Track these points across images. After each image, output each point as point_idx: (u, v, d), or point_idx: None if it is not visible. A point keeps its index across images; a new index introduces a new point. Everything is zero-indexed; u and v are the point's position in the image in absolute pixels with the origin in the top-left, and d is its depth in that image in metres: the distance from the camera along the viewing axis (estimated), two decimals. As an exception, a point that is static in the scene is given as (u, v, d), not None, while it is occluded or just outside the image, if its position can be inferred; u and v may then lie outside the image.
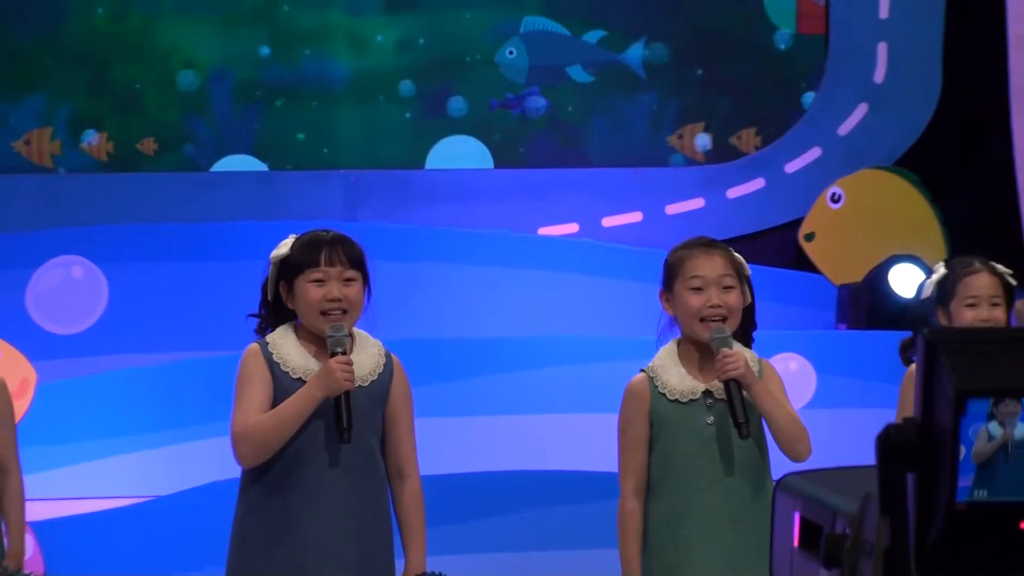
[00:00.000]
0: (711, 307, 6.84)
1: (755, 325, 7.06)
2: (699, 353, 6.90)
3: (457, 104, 11.72)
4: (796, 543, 4.43)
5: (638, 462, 6.92)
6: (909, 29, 11.79)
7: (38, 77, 11.53)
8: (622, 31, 11.81)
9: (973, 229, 11.05)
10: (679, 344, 6.96)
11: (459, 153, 11.72)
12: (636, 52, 11.79)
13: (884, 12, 11.81)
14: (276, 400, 6.76)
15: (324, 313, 6.70)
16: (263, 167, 11.56)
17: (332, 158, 11.66)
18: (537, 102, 11.73)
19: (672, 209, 11.63)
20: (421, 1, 11.75)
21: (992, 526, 3.87)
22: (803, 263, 10.94)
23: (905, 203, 10.88)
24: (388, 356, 6.89)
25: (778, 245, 11.25)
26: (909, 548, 3.90)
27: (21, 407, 9.48)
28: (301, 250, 6.79)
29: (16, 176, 11.44)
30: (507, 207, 11.43)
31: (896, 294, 10.53)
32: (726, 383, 6.78)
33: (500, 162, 11.68)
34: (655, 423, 6.91)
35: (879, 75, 11.81)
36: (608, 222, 11.15)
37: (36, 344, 9.93)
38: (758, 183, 11.69)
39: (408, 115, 11.66)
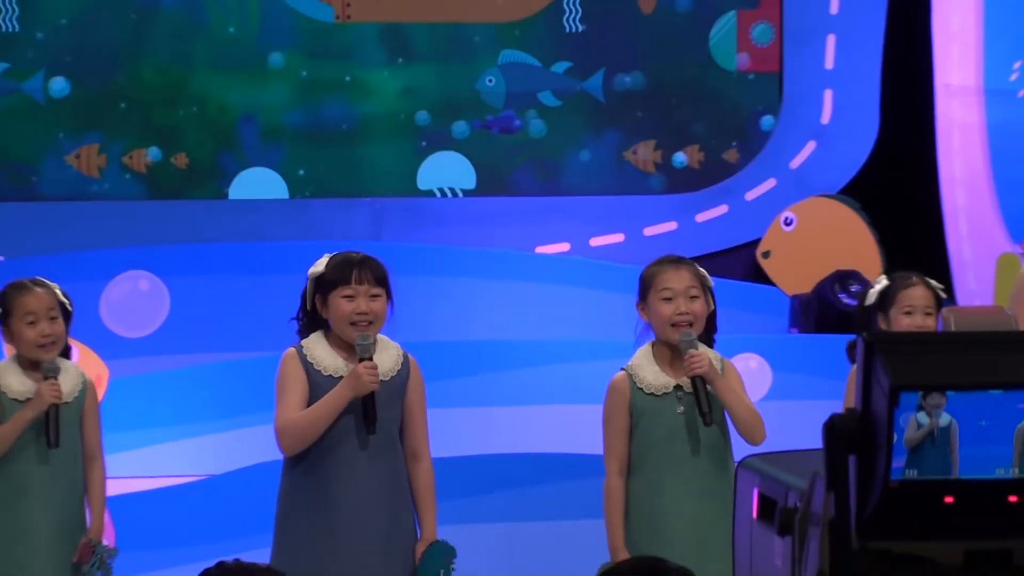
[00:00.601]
0: (680, 314, 7.00)
1: (716, 329, 7.16)
2: (670, 353, 7.06)
3: (459, 128, 11.71)
4: (755, 515, 4.49)
5: (620, 446, 7.06)
6: (851, 77, 11.78)
7: (95, 119, 11.46)
8: (585, 63, 11.75)
9: (905, 248, 11.03)
10: (653, 346, 7.11)
11: (446, 167, 11.69)
12: (596, 81, 11.74)
13: (830, 63, 11.80)
14: (312, 393, 6.88)
15: (353, 324, 6.80)
16: (284, 189, 11.48)
17: (352, 186, 11.65)
18: (513, 123, 11.69)
19: (649, 231, 11.59)
20: (418, 55, 11.64)
21: (921, 500, 3.92)
22: (761, 277, 10.95)
23: (848, 226, 10.88)
24: (406, 356, 7.00)
25: (739, 262, 11.24)
26: (851, 519, 3.95)
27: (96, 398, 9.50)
28: (334, 269, 6.88)
29: (92, 203, 11.38)
30: (508, 230, 11.39)
31: (840, 302, 10.52)
32: (693, 379, 6.95)
33: (481, 175, 11.64)
34: (634, 413, 7.05)
35: (825, 117, 11.81)
36: (595, 242, 11.15)
37: (108, 345, 9.90)
38: (722, 209, 11.69)
39: (411, 145, 11.59)
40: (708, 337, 7.09)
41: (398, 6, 11.66)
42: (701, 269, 7.16)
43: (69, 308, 7.25)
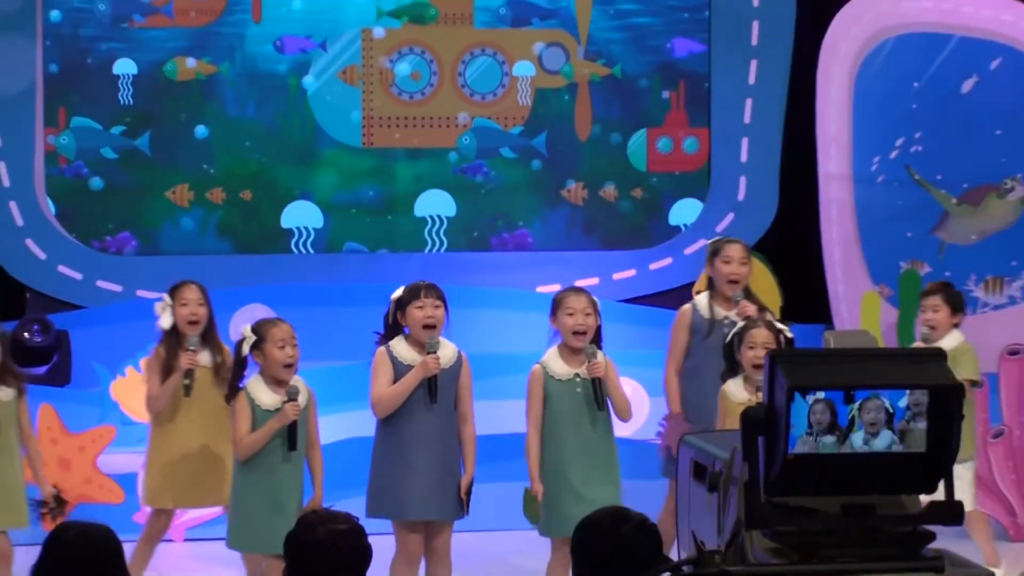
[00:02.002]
0: (578, 326, 7.36)
1: (602, 337, 7.49)
2: (571, 352, 7.39)
3: (444, 173, 11.70)
4: (691, 476, 4.47)
5: (538, 415, 7.40)
6: (759, 167, 11.77)
7: (185, 172, 11.40)
8: (533, 126, 11.70)
9: (797, 289, 11.04)
10: (559, 347, 7.44)
11: (435, 200, 11.68)
12: (541, 139, 11.69)
13: (744, 158, 11.81)
14: (395, 377, 7.23)
15: (424, 327, 7.22)
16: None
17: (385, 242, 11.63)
18: (482, 169, 11.65)
19: (617, 276, 11.59)
20: (424, 153, 11.66)
21: (811, 468, 3.92)
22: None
23: (757, 274, 10.83)
24: (459, 353, 7.40)
25: (680, 298, 11.09)
26: (760, 481, 3.95)
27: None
28: (410, 291, 7.31)
29: (219, 256, 11.37)
30: (518, 274, 11.40)
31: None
32: (592, 380, 7.31)
33: (460, 205, 11.64)
34: (547, 394, 7.40)
35: (741, 195, 11.80)
36: (578, 283, 11.03)
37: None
38: (668, 260, 11.67)
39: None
40: (597, 340, 7.42)
41: (405, 136, 11.65)
42: (594, 296, 7.55)
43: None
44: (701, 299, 8.04)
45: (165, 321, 7.83)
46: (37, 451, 7.53)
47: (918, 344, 8.42)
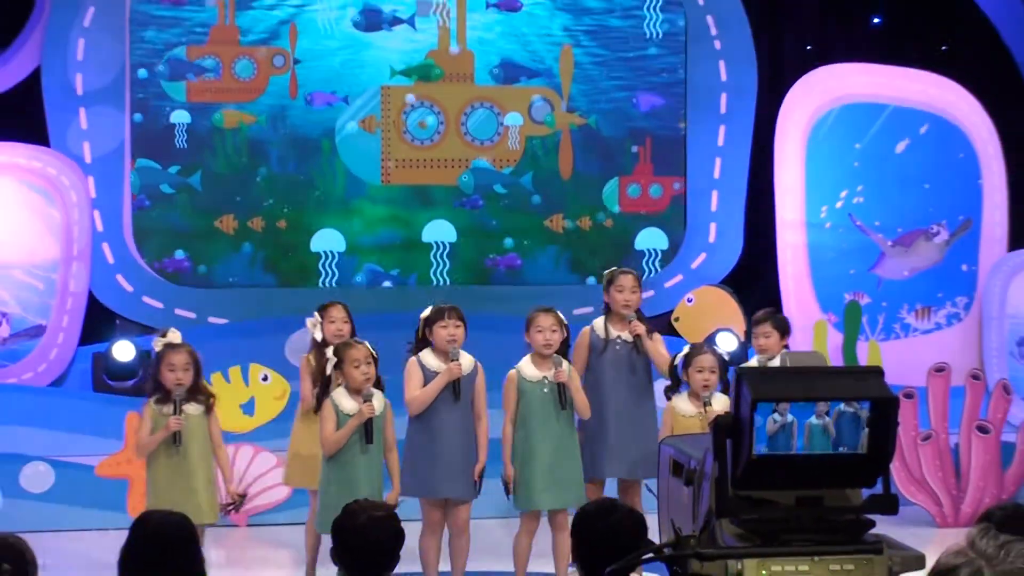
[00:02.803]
0: (547, 340, 7.39)
1: (568, 348, 7.49)
2: (541, 360, 7.40)
3: (446, 207, 11.67)
4: (670, 473, 4.45)
5: (512, 411, 7.41)
6: (726, 215, 11.76)
7: (233, 206, 11.40)
8: (521, 168, 11.67)
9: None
10: (532, 356, 7.46)
11: (438, 228, 11.65)
12: (527, 178, 11.67)
13: (714, 206, 11.81)
14: (425, 381, 7.29)
15: (448, 341, 7.31)
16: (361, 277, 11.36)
17: (398, 264, 11.62)
18: (478, 203, 11.62)
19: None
20: (432, 199, 11.62)
21: (770, 466, 3.90)
22: (674, 332, 10.89)
23: (725, 303, 10.85)
24: (476, 363, 7.43)
25: (661, 323, 11.15)
26: (728, 477, 3.93)
27: (279, 406, 9.33)
28: (435, 312, 7.40)
29: (273, 288, 11.36)
30: (521, 304, 11.36)
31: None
32: (557, 383, 7.35)
33: (460, 233, 11.57)
34: (520, 393, 7.43)
35: (711, 238, 11.80)
36: (576, 312, 11.05)
37: (290, 373, 9.81)
38: (651, 292, 11.64)
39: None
40: (564, 352, 7.46)
41: (420, 174, 11.65)
42: (561, 315, 7.56)
43: (375, 355, 7.22)
44: (598, 322, 7.94)
45: (316, 334, 7.81)
46: (225, 458, 7.28)
47: (752, 363, 8.27)
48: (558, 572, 7.43)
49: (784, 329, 8.21)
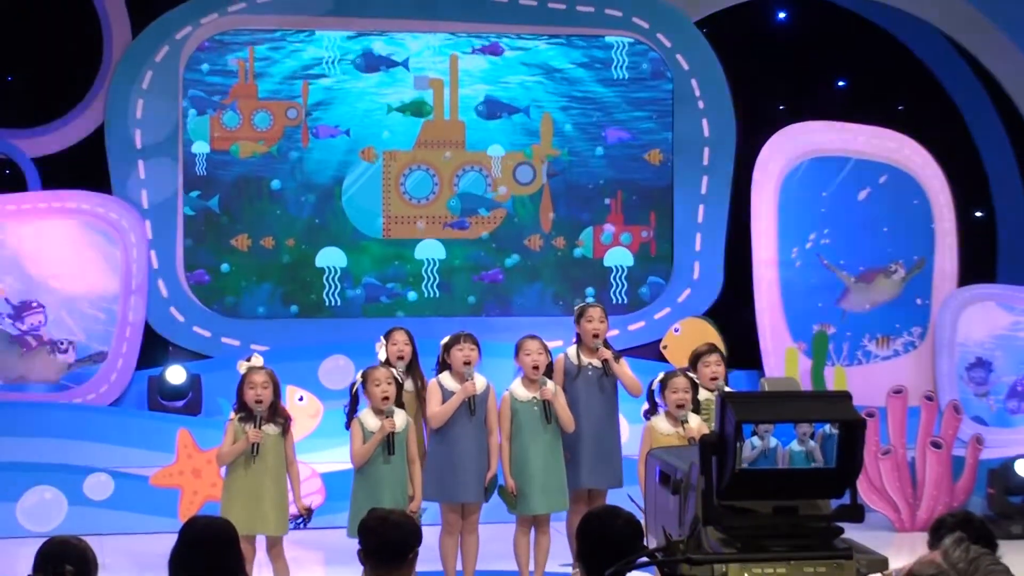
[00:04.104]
0: (534, 363, 7.38)
1: (552, 370, 7.46)
2: (530, 383, 7.36)
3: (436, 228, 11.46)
4: (657, 482, 4.41)
5: (507, 428, 7.37)
6: (708, 255, 11.71)
7: (248, 227, 11.35)
8: (508, 191, 11.52)
9: (736, 344, 10.90)
10: (522, 378, 7.42)
11: (430, 247, 11.45)
12: (511, 202, 11.54)
13: (697, 247, 11.77)
14: (443, 399, 7.24)
15: (464, 363, 7.27)
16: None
17: (394, 277, 11.48)
18: (465, 224, 11.49)
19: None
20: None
21: (751, 479, 3.87)
22: (662, 359, 10.84)
23: (707, 333, 10.81)
24: (488, 384, 7.39)
25: (651, 351, 11.15)
26: (713, 488, 3.90)
27: (313, 424, 9.25)
28: (453, 338, 7.38)
29: (307, 319, 11.30)
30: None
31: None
32: (543, 401, 7.34)
33: (448, 251, 11.40)
34: (513, 412, 7.40)
35: (695, 276, 11.77)
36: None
37: (323, 394, 9.75)
38: (641, 323, 11.60)
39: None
40: (547, 374, 7.43)
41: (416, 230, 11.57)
42: (544, 342, 7.52)
43: (401, 380, 7.18)
44: (571, 350, 7.85)
45: (381, 355, 7.76)
46: (296, 475, 7.12)
47: (704, 393, 7.92)
48: (537, 568, 7.47)
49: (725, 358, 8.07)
